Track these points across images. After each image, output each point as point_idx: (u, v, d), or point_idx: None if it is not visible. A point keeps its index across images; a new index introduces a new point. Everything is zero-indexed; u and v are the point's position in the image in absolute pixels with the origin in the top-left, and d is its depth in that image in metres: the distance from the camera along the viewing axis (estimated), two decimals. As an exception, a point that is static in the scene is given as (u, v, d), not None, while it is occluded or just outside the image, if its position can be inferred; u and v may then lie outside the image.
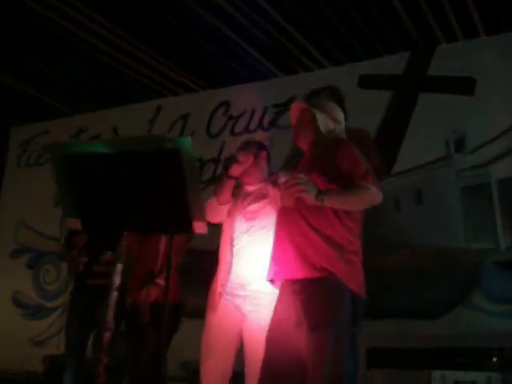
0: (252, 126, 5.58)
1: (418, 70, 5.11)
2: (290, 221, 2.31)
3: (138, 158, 1.82)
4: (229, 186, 2.64)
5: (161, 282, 3.04)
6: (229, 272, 2.60)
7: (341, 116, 2.66)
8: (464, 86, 4.86)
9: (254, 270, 2.55)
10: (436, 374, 3.83)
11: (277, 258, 2.36)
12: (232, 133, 5.66)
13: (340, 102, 5.22)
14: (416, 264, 4.62)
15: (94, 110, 6.52)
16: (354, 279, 2.26)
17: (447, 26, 4.77)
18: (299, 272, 2.24)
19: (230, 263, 2.62)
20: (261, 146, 2.93)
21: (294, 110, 2.65)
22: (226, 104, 5.80)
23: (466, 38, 4.93)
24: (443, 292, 4.50)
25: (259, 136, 5.27)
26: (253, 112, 5.64)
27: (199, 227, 1.85)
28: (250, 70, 5.57)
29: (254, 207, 2.66)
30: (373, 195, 2.26)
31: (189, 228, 1.85)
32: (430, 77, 5.05)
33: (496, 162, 4.61)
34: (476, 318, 4.33)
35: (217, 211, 2.64)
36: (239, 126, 5.66)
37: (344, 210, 2.27)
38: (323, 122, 2.50)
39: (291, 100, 5.50)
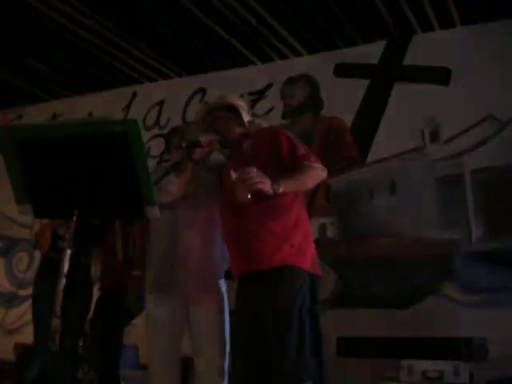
0: (228, 114, 5.52)
1: (393, 59, 5.09)
2: (236, 216, 2.32)
3: (87, 142, 1.78)
4: (190, 170, 2.61)
5: (137, 273, 3.01)
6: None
7: (247, 105, 2.71)
8: (439, 75, 4.86)
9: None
10: (404, 363, 3.86)
11: (231, 253, 2.45)
12: (207, 120, 5.59)
13: (316, 91, 5.30)
14: (389, 253, 4.63)
15: (70, 95, 6.43)
16: (307, 261, 2.30)
17: (423, 16, 4.74)
18: (253, 265, 2.29)
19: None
20: None
21: (203, 111, 2.63)
22: (202, 91, 5.75)
23: (442, 27, 4.91)
24: (415, 281, 4.51)
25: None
26: (229, 100, 5.58)
27: (151, 212, 1.82)
28: (226, 57, 5.51)
29: None
30: (320, 172, 2.36)
31: (141, 213, 1.82)
32: (405, 66, 5.03)
33: (470, 153, 4.62)
34: (446, 307, 4.35)
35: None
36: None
37: (295, 194, 2.32)
38: (244, 115, 2.56)
39: (268, 87, 5.48)
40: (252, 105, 5.45)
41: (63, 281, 1.79)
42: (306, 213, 2.44)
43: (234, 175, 2.14)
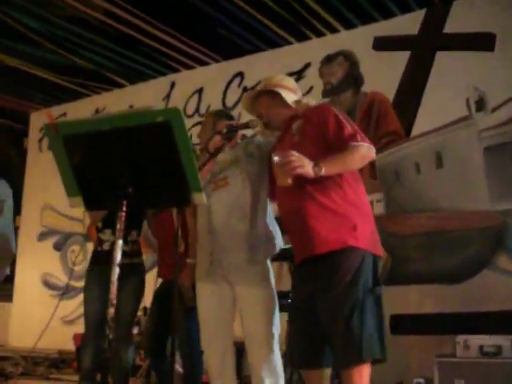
0: (267, 97, 5.50)
1: (433, 28, 4.94)
2: (289, 197, 2.29)
3: (131, 134, 1.80)
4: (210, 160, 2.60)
5: (191, 261, 3.04)
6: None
7: (294, 83, 2.62)
8: (483, 42, 4.68)
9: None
10: (460, 338, 3.78)
11: (289, 236, 2.42)
12: (247, 104, 5.59)
13: (355, 67, 5.20)
14: (439, 228, 4.53)
15: (110, 89, 6.54)
16: (368, 242, 2.25)
17: (462, -20, 4.59)
18: (313, 249, 2.24)
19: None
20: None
21: (247, 100, 2.61)
22: (240, 75, 5.73)
23: (483, -9, 4.74)
24: (467, 255, 4.41)
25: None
26: (267, 82, 5.55)
27: (198, 198, 1.83)
28: (262, 39, 5.48)
29: None
30: (366, 152, 2.26)
31: (188, 200, 1.83)
32: (446, 34, 4.87)
33: (518, 120, 4.46)
34: (501, 280, 4.24)
35: None
36: (255, 98, 5.59)
37: (342, 173, 2.26)
38: (289, 97, 2.47)
39: (306, 67, 5.41)
40: (291, 85, 5.40)
41: (117, 270, 1.81)
42: (364, 190, 2.38)
43: (274, 159, 2.12)
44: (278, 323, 2.53)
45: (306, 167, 2.11)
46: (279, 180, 2.17)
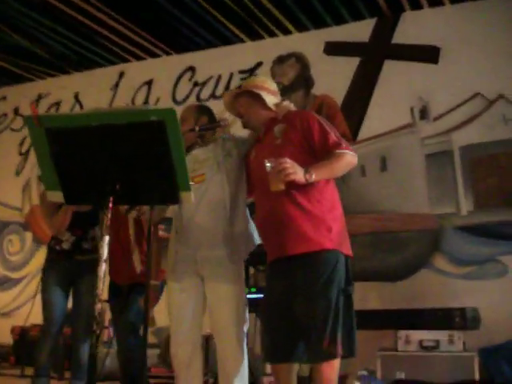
0: (218, 92, 5.54)
1: (383, 37, 5.16)
2: (268, 199, 2.36)
3: (122, 131, 1.80)
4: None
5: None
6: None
7: (275, 86, 2.69)
8: (428, 54, 4.95)
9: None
10: (401, 333, 4.01)
11: (265, 237, 2.49)
12: (198, 99, 5.60)
13: (306, 69, 5.34)
14: (382, 228, 4.76)
15: (55, 75, 6.33)
16: (342, 243, 2.36)
17: (413, -6, 4.81)
18: (291, 249, 2.33)
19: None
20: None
21: (227, 99, 2.67)
22: (191, 69, 5.73)
23: (431, 5, 4.99)
24: (407, 255, 4.66)
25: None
26: (219, 78, 5.59)
27: (186, 197, 1.87)
28: (215, 35, 5.50)
29: None
30: (351, 159, 2.37)
31: (176, 198, 1.87)
32: (395, 45, 5.11)
33: (459, 130, 4.75)
34: (438, 279, 4.52)
35: None
36: (205, 92, 5.61)
37: (321, 180, 2.35)
38: (268, 99, 2.54)
39: (257, 66, 5.50)
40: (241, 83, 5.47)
41: (104, 266, 1.83)
42: (337, 193, 2.48)
43: (267, 165, 2.18)
44: (247, 319, 2.60)
45: (299, 174, 2.20)
46: (272, 185, 2.24)
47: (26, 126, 1.96)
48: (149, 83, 5.89)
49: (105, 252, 1.84)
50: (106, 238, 1.85)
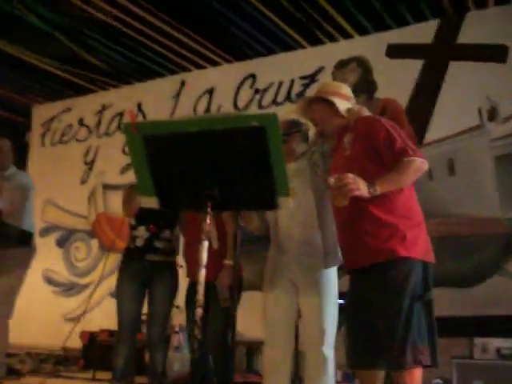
0: (279, 99, 5.55)
1: (447, 37, 5.06)
2: (344, 210, 2.34)
3: (222, 136, 1.82)
4: None
5: (229, 262, 3.06)
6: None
7: (349, 91, 2.62)
8: (496, 53, 4.82)
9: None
10: (478, 340, 3.90)
11: (341, 244, 2.50)
12: (260, 106, 5.63)
13: (368, 73, 5.29)
14: (451, 233, 4.65)
15: (118, 85, 6.49)
16: (419, 250, 2.31)
17: (478, -8, 4.71)
18: (363, 260, 2.32)
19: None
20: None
21: (301, 105, 2.64)
22: (252, 77, 5.76)
23: (497, 4, 4.87)
24: (478, 260, 4.54)
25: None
26: (280, 84, 5.60)
27: (285, 203, 1.87)
28: (276, 42, 5.52)
29: None
30: (419, 166, 2.29)
31: (274, 204, 1.87)
32: (460, 45, 5.00)
33: (529, 130, 4.61)
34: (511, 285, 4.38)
35: None
36: (267, 99, 5.63)
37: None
38: (342, 106, 2.49)
39: (318, 71, 5.48)
40: (303, 89, 5.47)
41: (203, 271, 1.84)
42: (416, 198, 2.44)
43: (330, 181, 2.17)
44: (335, 330, 2.60)
45: (362, 189, 2.16)
46: (336, 201, 2.22)
47: (124, 132, 2.00)
48: (210, 91, 5.95)
49: (204, 257, 1.85)
50: (205, 244, 1.87)
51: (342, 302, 2.66)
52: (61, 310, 6.08)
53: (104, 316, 5.27)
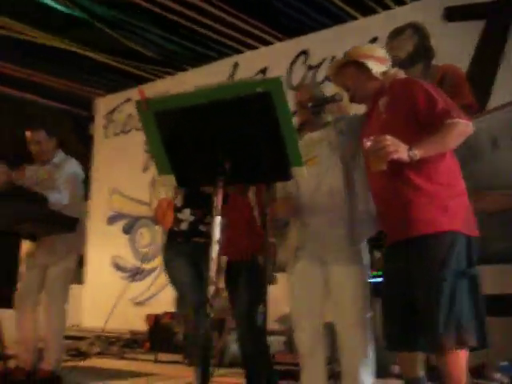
0: (333, 74, 5.39)
1: (510, -6, 4.70)
2: (383, 179, 2.20)
3: (229, 106, 1.75)
4: None
5: (272, 240, 3.00)
6: None
7: (384, 53, 2.46)
8: None
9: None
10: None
11: (379, 218, 2.35)
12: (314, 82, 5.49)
13: (425, 39, 5.01)
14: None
15: (173, 73, 6.56)
16: (461, 222, 2.15)
17: None
18: (405, 232, 2.17)
19: None
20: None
21: (332, 71, 2.48)
22: (304, 53, 5.63)
23: None
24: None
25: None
26: (333, 59, 5.42)
27: (298, 172, 1.77)
28: (327, 16, 5.35)
29: None
30: (463, 129, 2.11)
31: (288, 174, 1.78)
32: (525, 1, 4.63)
33: None
34: None
35: None
36: (320, 75, 5.48)
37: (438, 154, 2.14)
38: (376, 68, 2.33)
39: (373, 42, 5.25)
40: (357, 62, 5.27)
41: (216, 248, 1.79)
42: (459, 168, 2.27)
43: (366, 144, 2.03)
44: (369, 305, 2.46)
45: (401, 152, 2.01)
46: (372, 165, 2.08)
47: (137, 111, 1.98)
48: (263, 71, 5.88)
49: (216, 233, 1.80)
50: (218, 219, 1.81)
51: (378, 280, 2.53)
52: (128, 294, 6.26)
53: (168, 299, 5.38)
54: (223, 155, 1.82)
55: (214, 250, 1.80)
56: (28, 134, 3.71)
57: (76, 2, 5.11)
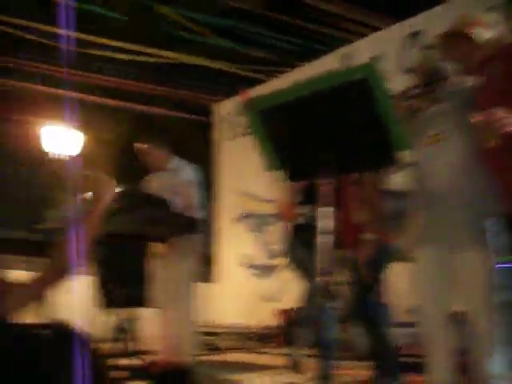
0: (449, 52, 5.13)
1: None
2: (497, 152, 2.06)
3: (327, 97, 1.76)
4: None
5: (371, 236, 2.96)
6: None
7: (490, 18, 2.27)
8: None
9: None
10: None
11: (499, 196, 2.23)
12: (429, 64, 5.27)
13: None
14: None
15: (287, 71, 6.62)
16: None
17: None
18: None
19: None
20: None
21: (439, 43, 2.36)
22: (416, 34, 5.42)
23: None
24: None
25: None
26: (446, 36, 5.18)
27: (403, 157, 1.73)
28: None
29: None
30: None
31: (393, 160, 1.74)
32: None
33: None
34: None
35: None
36: (434, 54, 5.24)
37: None
38: (482, 35, 2.22)
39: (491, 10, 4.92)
40: (475, 36, 4.97)
41: (328, 238, 1.80)
42: None
43: (474, 118, 1.91)
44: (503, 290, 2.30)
45: None
46: (484, 139, 1.96)
47: (244, 112, 2.05)
48: (376, 58, 5.74)
49: (325, 224, 1.81)
50: (325, 210, 1.82)
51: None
52: (258, 290, 6.45)
53: (299, 294, 5.45)
54: (327, 147, 1.83)
55: (325, 240, 1.80)
56: (135, 147, 3.97)
57: (192, 18, 5.38)
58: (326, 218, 1.82)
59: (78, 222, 1.37)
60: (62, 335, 1.27)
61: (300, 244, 3.33)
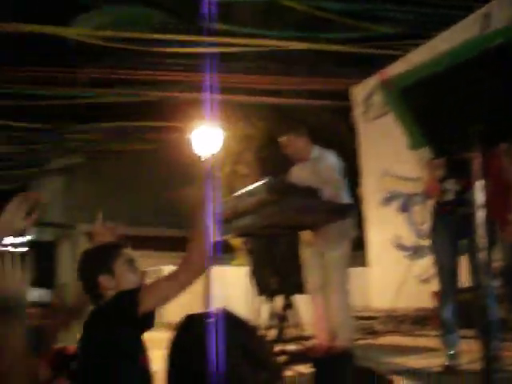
0: None
1: None
2: None
3: (470, 66, 1.68)
4: None
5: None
6: None
7: None
8: None
9: None
10: None
11: None
12: None
13: None
14: None
15: (423, 42, 6.33)
16: None
17: None
18: None
19: None
20: None
21: None
22: None
23: None
24: None
25: None
26: None
27: None
28: None
29: None
30: None
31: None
32: None
33: None
34: None
35: None
36: None
37: None
38: None
39: None
40: None
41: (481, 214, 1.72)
42: None
43: None
44: None
45: None
46: None
47: (383, 93, 2.03)
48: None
49: (479, 198, 1.73)
50: (479, 184, 1.74)
51: None
52: (413, 272, 6.27)
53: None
54: (474, 118, 1.75)
55: (479, 216, 1.73)
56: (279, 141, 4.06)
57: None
58: (481, 192, 1.74)
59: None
60: (229, 322, 1.32)
61: (442, 228, 3.26)
